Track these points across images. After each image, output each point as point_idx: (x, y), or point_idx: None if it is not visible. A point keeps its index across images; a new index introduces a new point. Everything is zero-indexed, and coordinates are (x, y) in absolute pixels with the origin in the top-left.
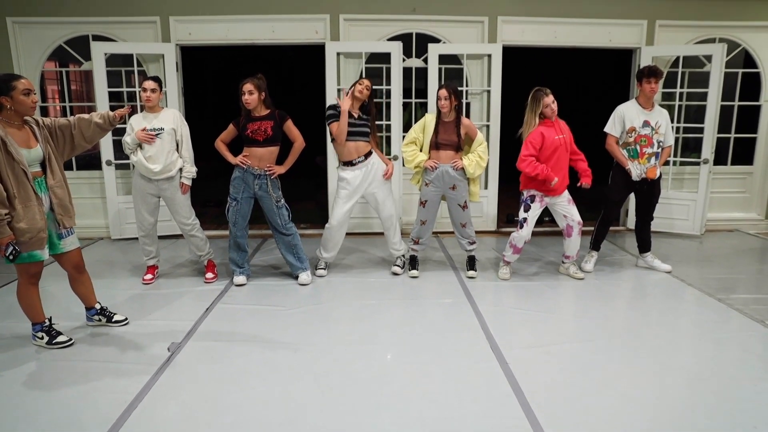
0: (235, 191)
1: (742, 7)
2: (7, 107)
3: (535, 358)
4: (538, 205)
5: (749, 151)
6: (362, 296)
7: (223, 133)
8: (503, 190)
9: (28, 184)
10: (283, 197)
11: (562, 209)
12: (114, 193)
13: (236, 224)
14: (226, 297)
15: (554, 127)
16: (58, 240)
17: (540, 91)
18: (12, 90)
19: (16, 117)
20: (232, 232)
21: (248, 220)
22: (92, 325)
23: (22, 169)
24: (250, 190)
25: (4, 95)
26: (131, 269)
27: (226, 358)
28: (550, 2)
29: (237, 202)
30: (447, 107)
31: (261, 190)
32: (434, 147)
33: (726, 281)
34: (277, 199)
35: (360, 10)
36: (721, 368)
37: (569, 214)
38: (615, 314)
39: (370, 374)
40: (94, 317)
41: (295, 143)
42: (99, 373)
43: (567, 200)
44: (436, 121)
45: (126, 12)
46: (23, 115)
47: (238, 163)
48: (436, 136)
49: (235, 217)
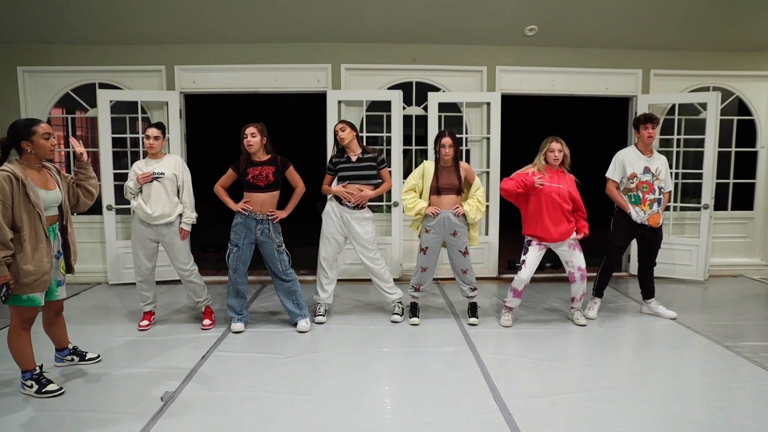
0: (236, 237)
1: (734, 57)
2: (27, 151)
3: (540, 409)
4: (537, 248)
5: (749, 196)
6: (362, 344)
7: (222, 177)
8: (504, 235)
9: (41, 227)
10: (284, 243)
11: (564, 256)
12: (113, 237)
13: (237, 270)
14: (223, 344)
15: (555, 174)
16: (56, 287)
17: (551, 137)
18: (33, 135)
19: (36, 160)
20: (232, 278)
21: (248, 267)
22: (62, 365)
23: (37, 212)
24: (252, 236)
25: (25, 139)
26: (127, 315)
27: (221, 409)
28: (547, 52)
29: (238, 248)
30: (451, 155)
31: (263, 236)
32: (435, 192)
33: (733, 328)
34: (279, 244)
35: (361, 60)
36: (733, 418)
37: (571, 261)
38: (620, 362)
39: (370, 426)
40: (65, 357)
41: (297, 188)
42: (90, 424)
43: (569, 246)
44: (435, 166)
45: (133, 61)
46: (42, 158)
47: (240, 210)
48: (437, 181)
49: (236, 263)
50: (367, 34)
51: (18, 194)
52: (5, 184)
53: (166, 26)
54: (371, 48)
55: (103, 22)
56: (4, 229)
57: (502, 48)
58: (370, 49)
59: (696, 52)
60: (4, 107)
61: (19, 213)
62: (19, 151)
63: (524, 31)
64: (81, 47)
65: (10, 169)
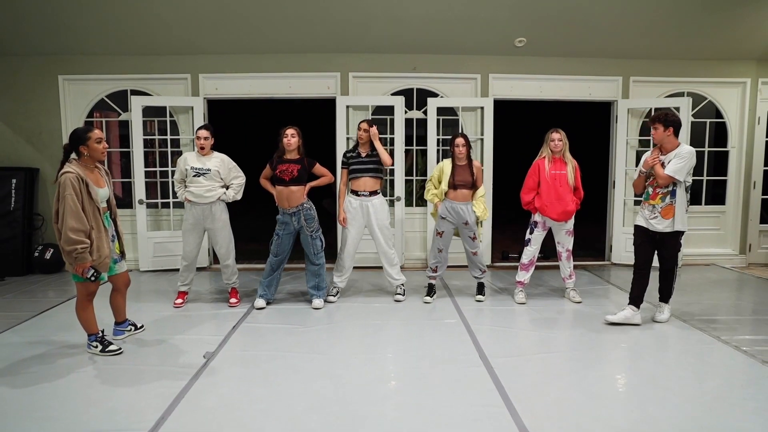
0: (278, 228)
1: (706, 65)
2: (84, 154)
3: (517, 365)
4: (540, 229)
5: (723, 192)
6: (369, 317)
7: (264, 170)
8: (498, 229)
9: (99, 218)
10: (320, 229)
11: (558, 237)
12: (144, 228)
13: (276, 255)
14: (249, 318)
15: (556, 161)
16: (114, 264)
17: (552, 129)
18: (88, 140)
19: (91, 161)
20: (270, 260)
21: (287, 254)
22: (121, 337)
23: (96, 206)
24: (291, 227)
25: (83, 144)
26: (159, 297)
27: (254, 364)
28: (535, 61)
29: (279, 237)
30: (464, 153)
31: (299, 224)
32: (452, 187)
33: (704, 307)
34: (313, 230)
35: (367, 69)
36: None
37: (562, 243)
38: (591, 332)
39: (376, 376)
40: (125, 329)
41: (324, 177)
42: (147, 375)
43: (566, 231)
44: (452, 164)
45: (161, 70)
46: (96, 160)
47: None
48: (453, 178)
49: (276, 249)
50: (373, 46)
51: (83, 191)
52: (75, 183)
53: (191, 38)
54: (376, 58)
55: (135, 34)
56: (84, 221)
57: (495, 57)
58: (375, 58)
59: (671, 60)
60: (46, 111)
61: (87, 207)
62: (77, 154)
63: (514, 42)
64: (115, 57)
65: (75, 171)
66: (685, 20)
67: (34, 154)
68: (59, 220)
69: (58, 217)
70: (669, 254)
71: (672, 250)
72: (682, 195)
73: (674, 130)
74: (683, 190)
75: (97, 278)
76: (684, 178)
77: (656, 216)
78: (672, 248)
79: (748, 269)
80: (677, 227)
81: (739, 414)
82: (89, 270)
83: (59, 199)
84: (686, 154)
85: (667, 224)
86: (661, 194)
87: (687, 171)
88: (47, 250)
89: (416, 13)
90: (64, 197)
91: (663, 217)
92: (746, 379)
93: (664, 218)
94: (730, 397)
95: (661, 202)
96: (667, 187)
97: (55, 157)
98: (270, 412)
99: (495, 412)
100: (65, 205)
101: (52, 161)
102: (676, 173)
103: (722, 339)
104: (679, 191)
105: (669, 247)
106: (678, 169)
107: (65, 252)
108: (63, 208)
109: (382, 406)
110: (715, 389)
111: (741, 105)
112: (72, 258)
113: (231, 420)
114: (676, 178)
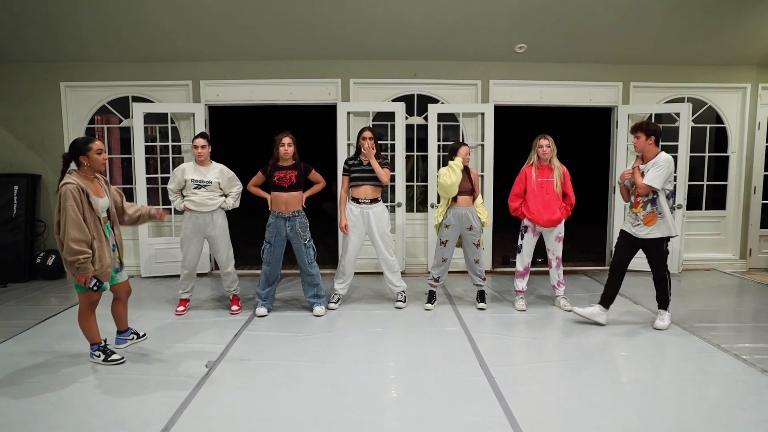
0: (269, 236)
1: (706, 71)
2: (84, 164)
3: (518, 373)
4: (531, 235)
5: (724, 197)
6: (370, 325)
7: (253, 178)
8: (498, 234)
9: (100, 228)
10: (312, 238)
11: (548, 243)
12: (146, 235)
13: (269, 264)
14: (251, 326)
15: (543, 169)
16: (115, 273)
17: (540, 135)
18: (89, 150)
19: (90, 172)
20: (264, 270)
21: (281, 261)
22: (123, 346)
23: (97, 216)
24: (283, 233)
25: (83, 154)
26: (160, 304)
27: (256, 373)
28: (535, 67)
29: (270, 245)
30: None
31: (291, 232)
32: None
33: (704, 314)
34: (305, 239)
35: (368, 75)
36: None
37: (552, 250)
38: (590, 339)
39: (378, 384)
40: (128, 338)
41: (319, 183)
42: (150, 384)
43: (556, 237)
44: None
45: (162, 76)
46: (96, 170)
47: (269, 202)
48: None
49: (268, 258)
50: (374, 52)
51: (84, 202)
52: (75, 194)
53: (192, 45)
54: (377, 64)
55: (137, 41)
56: (85, 231)
57: (495, 63)
58: (375, 65)
59: (671, 66)
60: (48, 118)
61: (88, 217)
62: (77, 164)
63: (515, 48)
64: (116, 64)
65: (75, 181)
66: (685, 26)
67: (36, 160)
68: (61, 230)
69: (60, 228)
70: (656, 261)
71: (658, 256)
72: (663, 202)
73: (655, 139)
74: (664, 197)
75: (100, 287)
76: (662, 185)
77: (639, 224)
78: (658, 255)
79: (749, 274)
80: (661, 233)
81: (738, 423)
82: (92, 280)
83: (60, 210)
84: (663, 163)
85: (648, 231)
86: (642, 203)
87: (664, 179)
88: (49, 256)
89: (417, 19)
90: (66, 208)
91: (645, 225)
92: (745, 388)
93: (647, 225)
94: (729, 406)
95: (642, 210)
96: (647, 196)
97: (57, 164)
98: (272, 422)
99: (495, 422)
100: (67, 215)
101: (54, 168)
102: (653, 182)
103: (722, 347)
104: (660, 198)
105: (655, 254)
106: (654, 178)
107: (68, 262)
108: (64, 219)
109: (383, 416)
110: (715, 398)
111: (741, 110)
112: (74, 268)
113: (234, 430)
114: (654, 186)
